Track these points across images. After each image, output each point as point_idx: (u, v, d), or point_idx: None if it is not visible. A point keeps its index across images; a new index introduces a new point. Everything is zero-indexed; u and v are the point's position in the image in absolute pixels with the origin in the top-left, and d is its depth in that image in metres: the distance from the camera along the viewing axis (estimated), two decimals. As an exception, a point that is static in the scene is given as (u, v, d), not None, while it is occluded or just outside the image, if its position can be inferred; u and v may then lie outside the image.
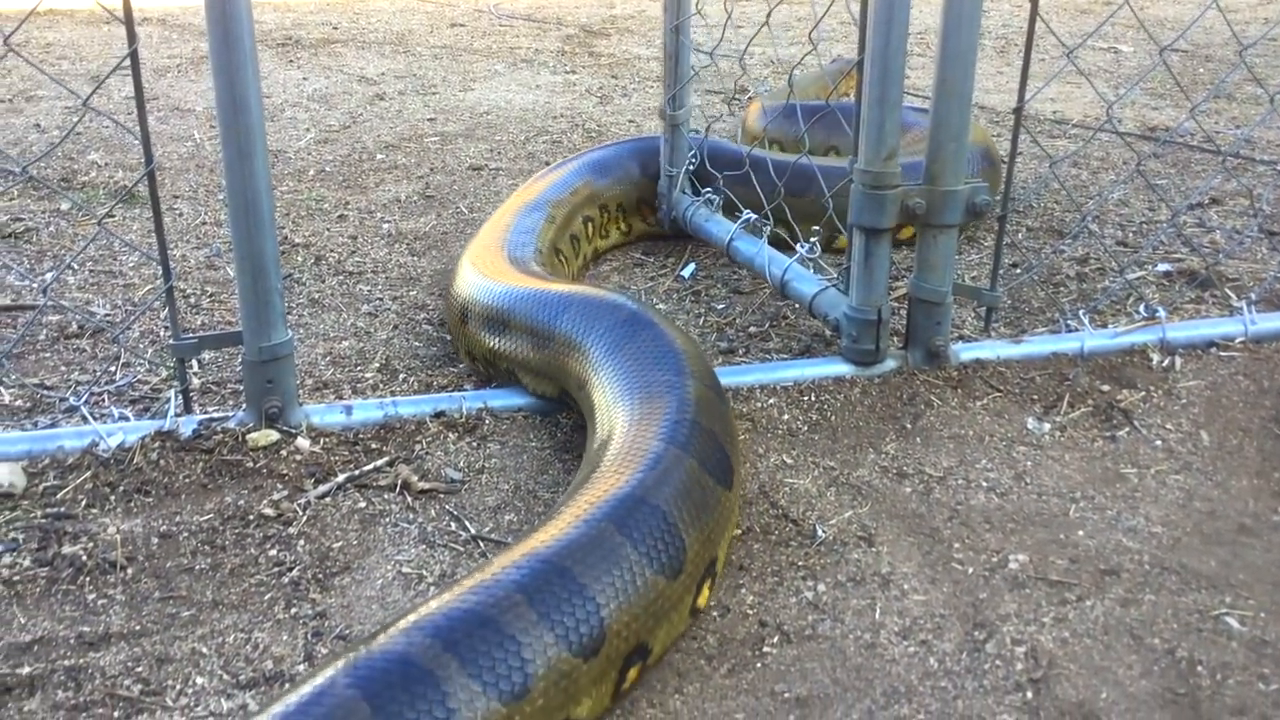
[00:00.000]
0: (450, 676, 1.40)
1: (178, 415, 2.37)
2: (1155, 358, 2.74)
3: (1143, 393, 2.60)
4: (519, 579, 1.56)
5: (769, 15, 3.04)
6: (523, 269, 2.73)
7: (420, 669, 1.40)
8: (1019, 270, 3.32)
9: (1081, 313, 2.90)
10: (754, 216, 3.22)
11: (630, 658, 1.66)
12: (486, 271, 2.70)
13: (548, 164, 3.96)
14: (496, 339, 2.55)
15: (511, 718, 1.45)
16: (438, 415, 2.47)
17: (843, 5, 2.87)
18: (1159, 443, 2.43)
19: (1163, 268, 3.32)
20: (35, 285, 3.13)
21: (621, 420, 2.04)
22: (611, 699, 1.66)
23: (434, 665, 1.41)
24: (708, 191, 3.50)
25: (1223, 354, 2.77)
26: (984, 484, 2.28)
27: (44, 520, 2.10)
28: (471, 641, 1.45)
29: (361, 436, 2.39)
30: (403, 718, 1.35)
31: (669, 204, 3.61)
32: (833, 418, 2.50)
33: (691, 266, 3.45)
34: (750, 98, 4.90)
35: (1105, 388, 2.62)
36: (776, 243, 3.12)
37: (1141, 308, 2.94)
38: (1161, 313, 2.86)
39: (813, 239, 2.90)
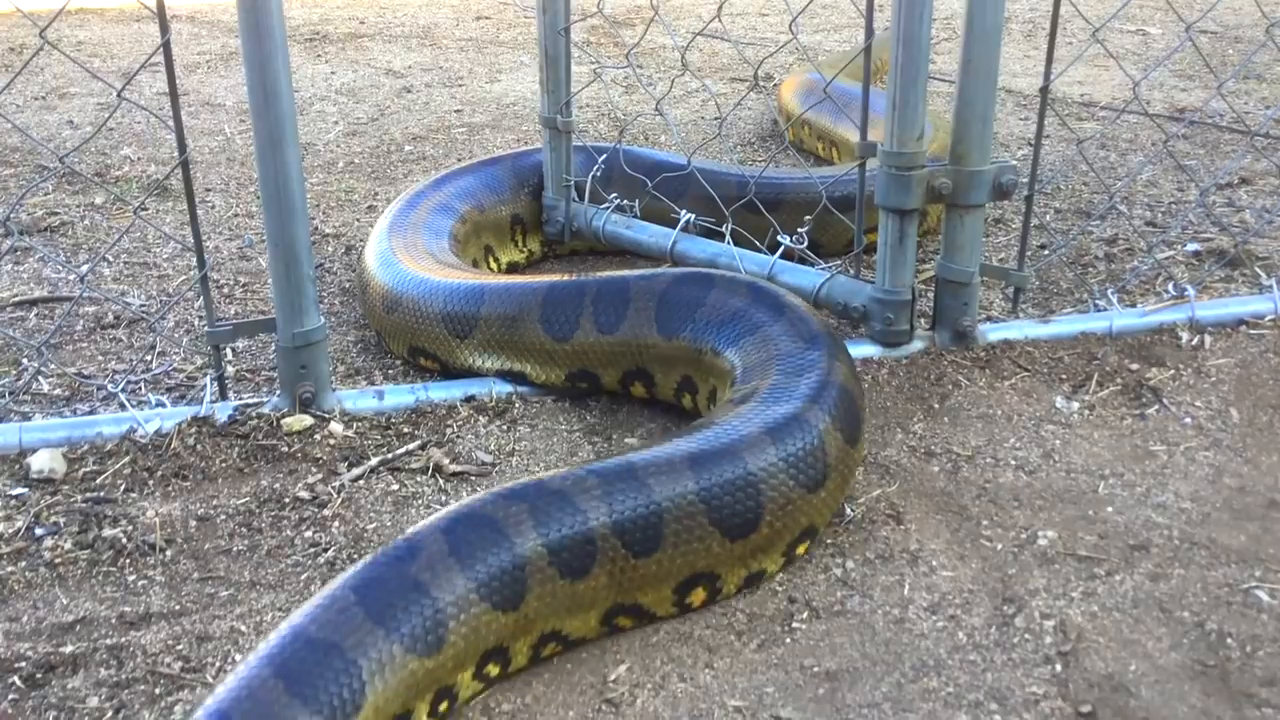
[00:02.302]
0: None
1: (213, 401, 2.41)
2: (1184, 336, 2.73)
3: (1172, 371, 2.60)
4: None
5: (720, 7, 3.01)
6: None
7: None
8: (1047, 251, 3.32)
9: (1110, 292, 2.89)
10: (692, 217, 3.06)
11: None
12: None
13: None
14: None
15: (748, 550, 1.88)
16: (468, 399, 2.50)
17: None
18: (1188, 420, 2.42)
19: (1192, 247, 3.31)
20: (72, 277, 3.18)
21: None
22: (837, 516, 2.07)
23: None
24: (615, 197, 3.26)
25: (1252, 332, 2.76)
26: (1012, 462, 2.28)
27: (84, 504, 2.14)
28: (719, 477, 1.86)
29: (394, 421, 2.42)
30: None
31: (565, 215, 3.33)
32: (860, 398, 2.51)
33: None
34: (779, 82, 4.91)
35: (1134, 366, 2.62)
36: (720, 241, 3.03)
37: (1170, 287, 2.94)
38: (1190, 291, 2.85)
39: (801, 229, 2.88)
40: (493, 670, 1.69)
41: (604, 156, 3.35)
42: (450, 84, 5.59)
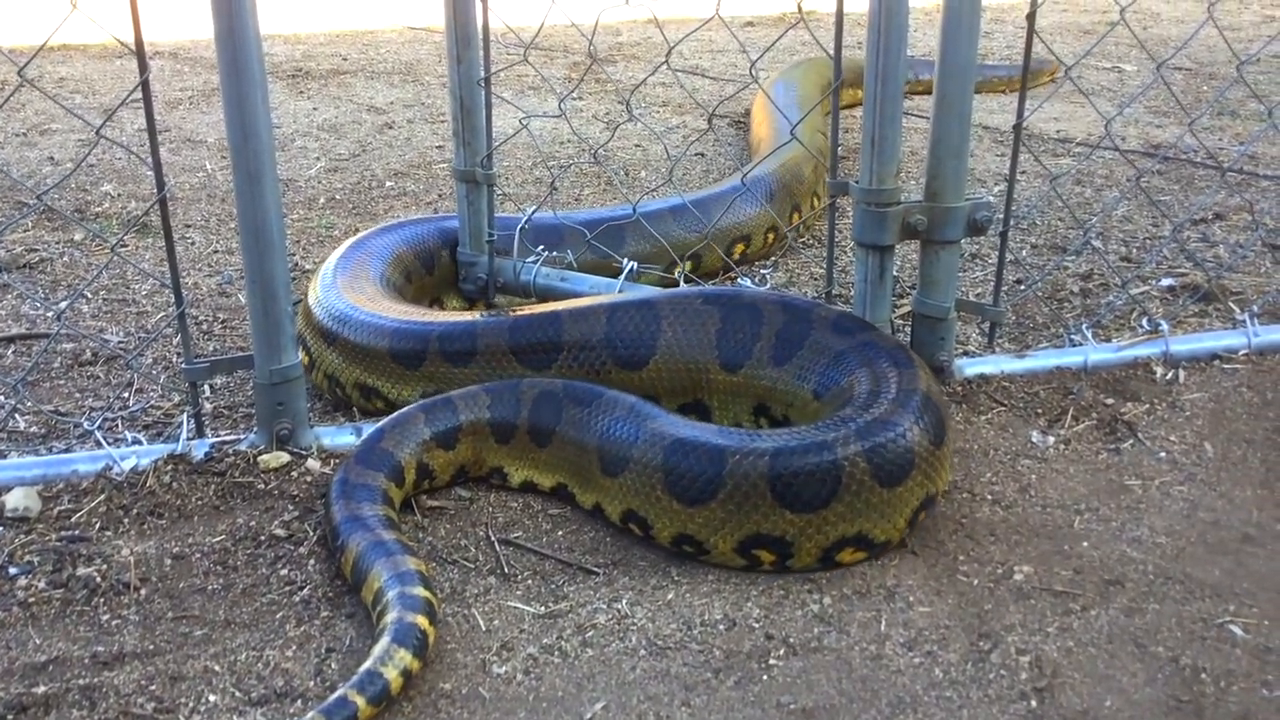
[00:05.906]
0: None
1: (190, 439, 2.40)
2: (1159, 371, 2.75)
3: (1146, 405, 2.62)
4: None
5: (669, 52, 3.06)
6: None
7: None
8: (1023, 286, 3.34)
9: (1085, 327, 2.91)
10: (636, 265, 3.05)
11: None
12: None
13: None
14: None
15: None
16: (446, 436, 2.49)
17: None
18: (1163, 454, 2.44)
19: (1166, 282, 3.34)
20: (49, 314, 3.17)
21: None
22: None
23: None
24: (541, 249, 3.16)
25: (1226, 366, 2.78)
26: (988, 497, 2.29)
27: (58, 543, 2.13)
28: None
29: (371, 457, 2.41)
30: None
31: (489, 272, 3.17)
32: (838, 434, 2.51)
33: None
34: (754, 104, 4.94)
35: (1109, 401, 2.64)
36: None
37: (1145, 321, 2.96)
38: (1165, 326, 2.87)
39: (765, 270, 2.91)
40: None
41: (532, 210, 3.29)
42: (432, 120, 5.61)
